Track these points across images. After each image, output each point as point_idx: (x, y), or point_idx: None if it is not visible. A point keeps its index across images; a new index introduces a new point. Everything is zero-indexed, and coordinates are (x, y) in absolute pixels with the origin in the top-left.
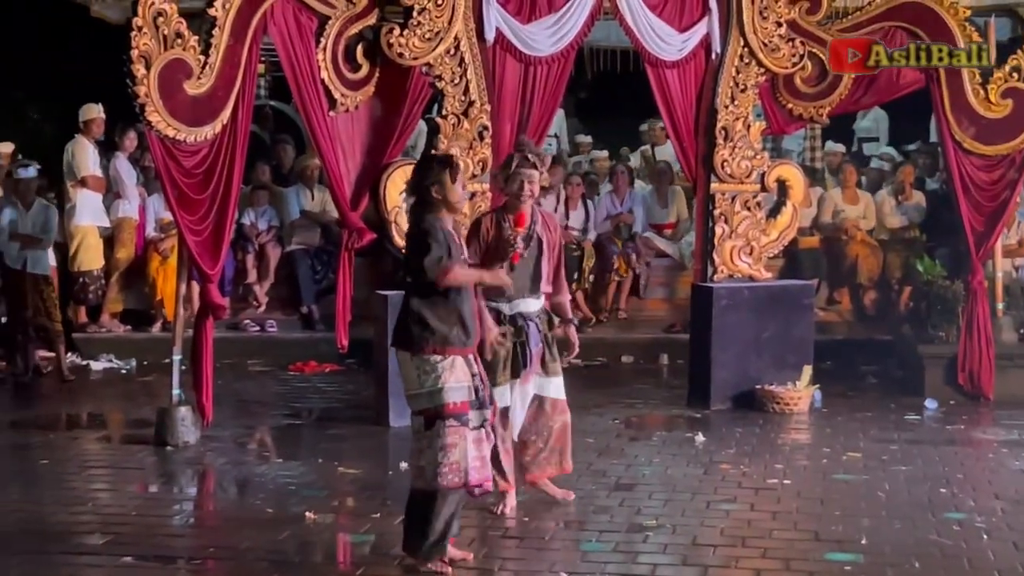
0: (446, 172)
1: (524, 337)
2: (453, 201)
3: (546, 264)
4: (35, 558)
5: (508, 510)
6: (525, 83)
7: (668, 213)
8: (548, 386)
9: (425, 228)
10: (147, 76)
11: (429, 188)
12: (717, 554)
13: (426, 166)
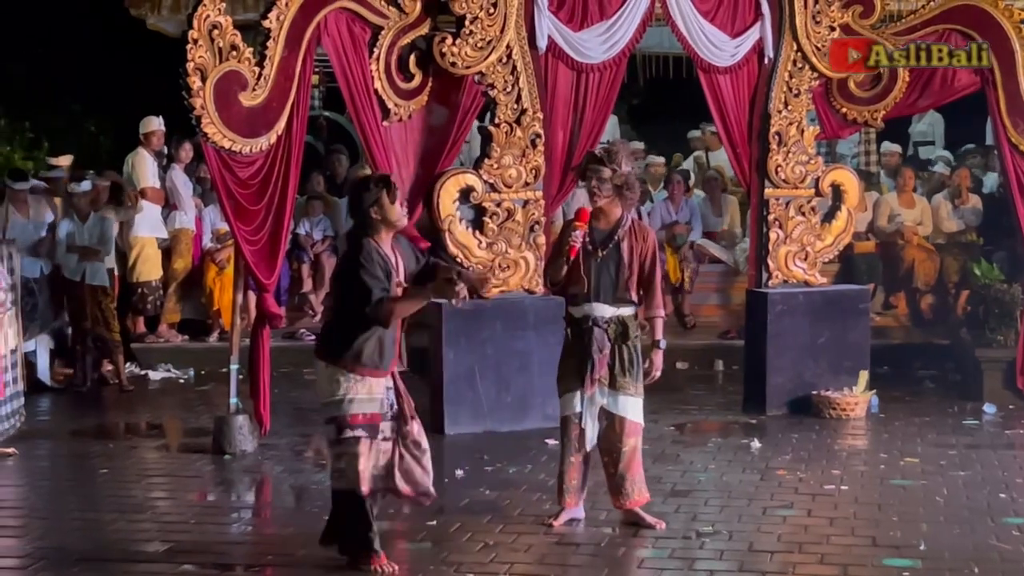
0: (384, 192)
1: (587, 340)
2: (392, 220)
3: (625, 272)
4: (95, 566)
5: (558, 523)
6: (577, 90)
7: (722, 221)
8: (616, 403)
9: (362, 260)
10: (203, 88)
11: (368, 210)
12: (774, 560)
13: (364, 187)
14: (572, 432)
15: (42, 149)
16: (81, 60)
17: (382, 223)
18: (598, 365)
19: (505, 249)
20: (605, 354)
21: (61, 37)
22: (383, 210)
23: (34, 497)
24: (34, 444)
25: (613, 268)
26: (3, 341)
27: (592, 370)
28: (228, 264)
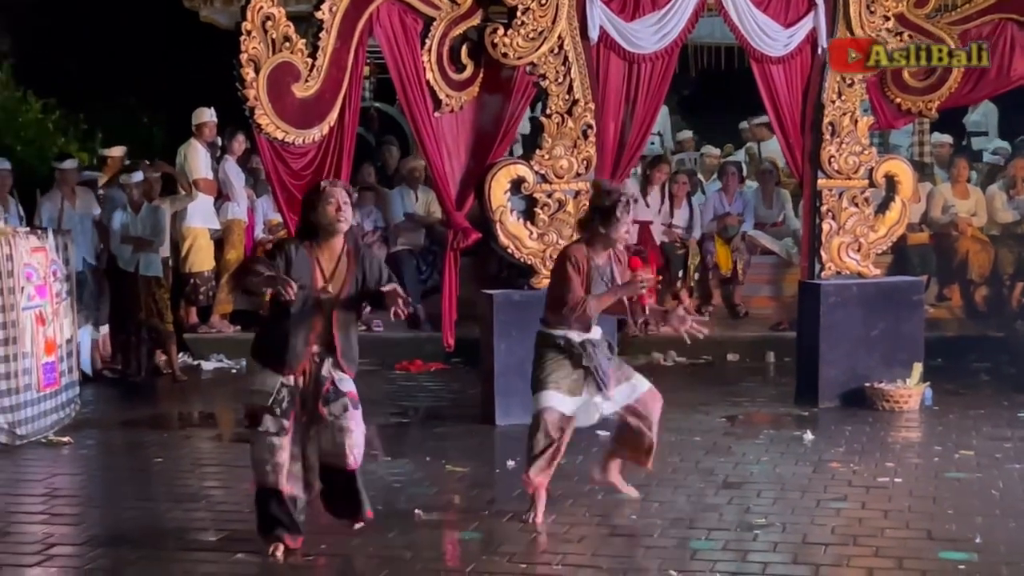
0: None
1: (596, 362)
2: (324, 224)
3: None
4: (150, 554)
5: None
6: (629, 81)
7: (774, 212)
8: (636, 385)
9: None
10: (256, 80)
11: (306, 213)
12: (828, 553)
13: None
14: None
15: (96, 141)
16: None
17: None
18: (610, 377)
19: (556, 240)
20: (611, 370)
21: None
22: (317, 213)
23: (90, 486)
24: (88, 433)
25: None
26: (59, 331)
27: (608, 384)
28: None
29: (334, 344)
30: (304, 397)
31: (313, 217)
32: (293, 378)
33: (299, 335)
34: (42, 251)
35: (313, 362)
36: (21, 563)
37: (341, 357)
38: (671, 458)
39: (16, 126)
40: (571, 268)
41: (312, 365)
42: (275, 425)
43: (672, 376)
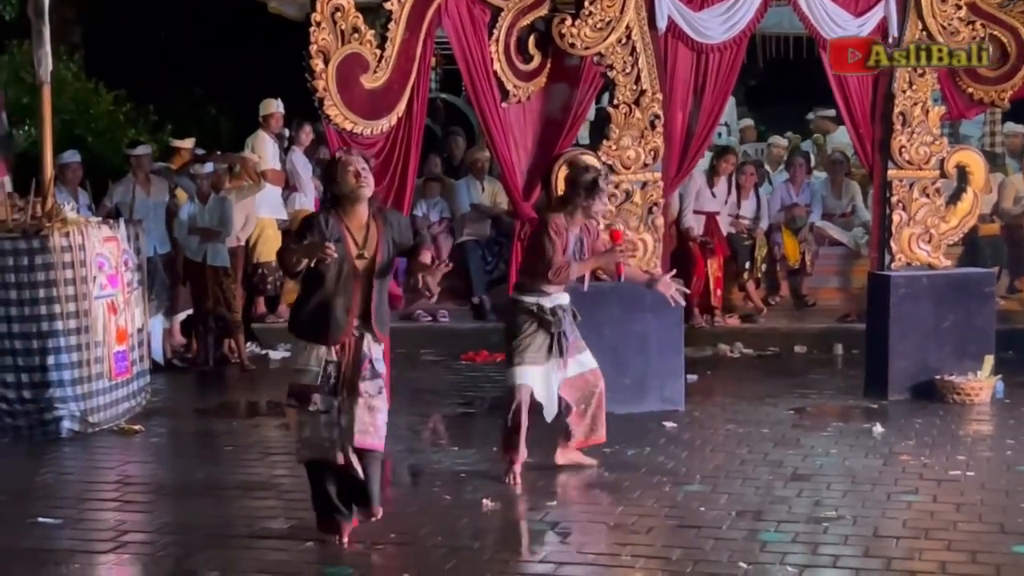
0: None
1: (561, 328)
2: (347, 192)
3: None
4: (221, 542)
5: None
6: (697, 71)
7: (842, 203)
8: (585, 359)
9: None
10: (325, 71)
11: (328, 186)
12: (900, 546)
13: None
14: (528, 399)
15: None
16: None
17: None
18: (571, 346)
19: (623, 231)
20: (574, 336)
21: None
22: (338, 185)
23: (161, 473)
24: (159, 422)
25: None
26: (130, 320)
27: (567, 351)
28: None
29: (370, 311)
30: (345, 373)
31: (335, 188)
32: (336, 353)
33: (339, 305)
34: (114, 241)
35: (353, 335)
36: (94, 550)
37: (375, 323)
38: (739, 450)
39: (87, 117)
40: (554, 234)
41: (352, 339)
42: (326, 403)
43: (738, 368)
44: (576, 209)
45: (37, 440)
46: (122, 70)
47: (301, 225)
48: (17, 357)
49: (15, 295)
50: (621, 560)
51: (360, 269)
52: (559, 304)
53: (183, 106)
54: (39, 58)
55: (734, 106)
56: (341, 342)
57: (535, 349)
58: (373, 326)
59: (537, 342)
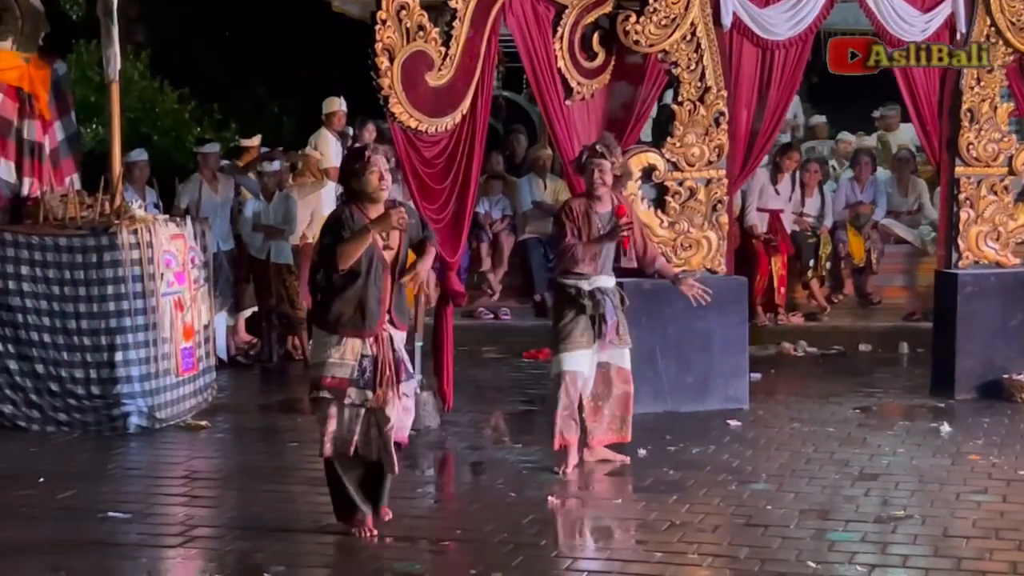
0: (356, 165)
1: (602, 310)
2: (368, 192)
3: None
4: (286, 536)
5: (570, 470)
6: (762, 68)
7: (908, 202)
8: (617, 355)
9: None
10: (391, 69)
11: (348, 180)
12: (970, 546)
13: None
14: (578, 385)
15: (230, 130)
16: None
17: (360, 194)
18: (610, 329)
19: (687, 228)
20: (616, 320)
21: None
22: (359, 182)
23: (227, 468)
24: (224, 418)
25: (614, 244)
26: (197, 317)
27: (607, 333)
28: None
29: (392, 303)
30: (384, 369)
31: (356, 185)
32: (371, 347)
33: (372, 296)
34: (181, 238)
35: (385, 329)
36: (163, 544)
37: (395, 311)
38: (804, 448)
39: (153, 116)
40: (563, 216)
41: (385, 334)
42: (360, 396)
43: (802, 366)
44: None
45: (105, 435)
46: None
47: (334, 224)
48: (86, 353)
49: (84, 292)
50: (688, 559)
51: (388, 261)
52: (599, 287)
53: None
54: (108, 57)
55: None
56: (376, 334)
57: (579, 333)
58: (393, 317)
59: (580, 326)
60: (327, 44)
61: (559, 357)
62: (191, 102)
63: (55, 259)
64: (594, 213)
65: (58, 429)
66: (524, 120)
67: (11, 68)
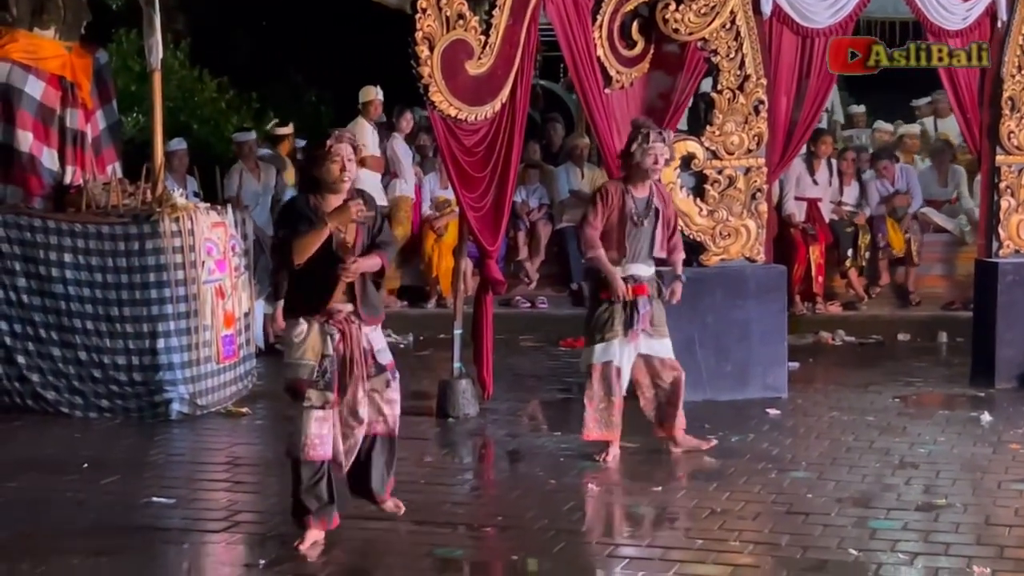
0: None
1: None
2: (328, 182)
3: (660, 233)
4: None
5: (611, 459)
6: (802, 56)
7: (947, 191)
8: (657, 346)
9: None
10: (431, 57)
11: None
12: (1012, 534)
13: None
14: (614, 375)
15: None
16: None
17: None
18: (643, 318)
19: (726, 217)
20: (649, 309)
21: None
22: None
23: (269, 455)
24: (265, 404)
25: (650, 231)
26: (237, 304)
27: (637, 323)
28: (446, 231)
29: (355, 295)
30: (345, 369)
31: (316, 173)
32: (332, 346)
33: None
34: (221, 226)
35: (349, 324)
36: (206, 528)
37: (361, 306)
38: (844, 437)
39: (192, 105)
40: (597, 199)
41: (350, 330)
42: (320, 398)
43: (840, 355)
44: (631, 171)
45: (147, 422)
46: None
47: (289, 215)
48: (128, 340)
49: (126, 279)
50: (729, 546)
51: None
52: (632, 274)
53: (284, 93)
54: (150, 46)
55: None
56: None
57: (613, 323)
58: (360, 310)
59: (616, 315)
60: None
61: (591, 348)
62: (229, 91)
63: (98, 247)
64: (630, 197)
65: (100, 415)
66: (561, 109)
67: (54, 57)
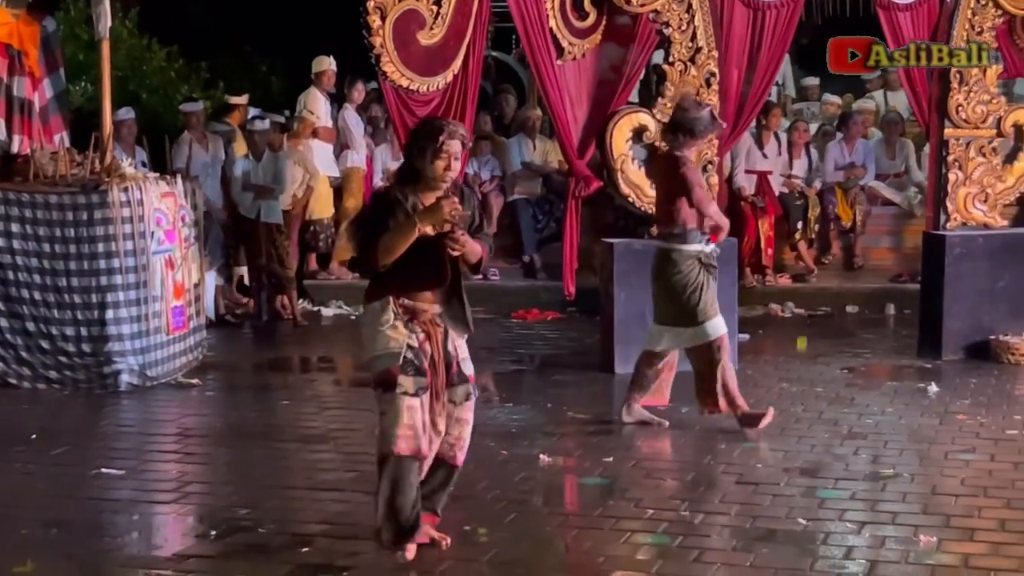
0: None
1: (711, 271)
2: (431, 177)
3: None
4: (282, 493)
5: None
6: (753, 29)
7: (896, 164)
8: None
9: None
10: (382, 27)
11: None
12: (959, 504)
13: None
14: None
15: (218, 89)
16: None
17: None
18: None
19: None
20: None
21: None
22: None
23: (220, 426)
24: (215, 376)
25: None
26: (187, 275)
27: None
28: None
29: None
30: (435, 367)
31: (420, 164)
32: (418, 340)
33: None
34: (171, 196)
35: (435, 326)
36: (157, 500)
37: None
38: (793, 408)
39: (141, 74)
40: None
41: (435, 332)
42: (413, 384)
43: (790, 327)
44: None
45: (96, 393)
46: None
47: (380, 210)
48: (76, 311)
49: (74, 249)
50: (680, 516)
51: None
52: (711, 250)
53: (235, 63)
54: (98, 14)
55: (788, 63)
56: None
57: (714, 294)
58: (455, 318)
59: (712, 289)
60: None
61: (705, 326)
62: (179, 60)
63: (45, 217)
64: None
65: (49, 386)
66: (513, 80)
67: (1, 24)
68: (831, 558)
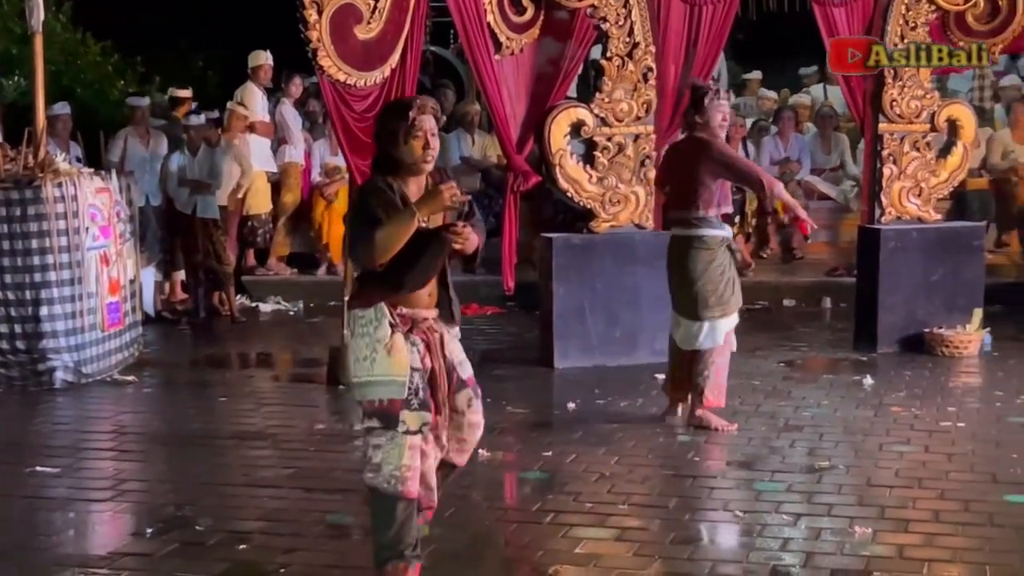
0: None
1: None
2: (409, 163)
3: None
4: (220, 490)
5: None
6: (690, 24)
7: (831, 158)
8: None
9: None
10: (319, 21)
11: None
12: (893, 495)
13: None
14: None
15: (153, 84)
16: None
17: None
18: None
19: (616, 184)
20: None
21: None
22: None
23: (156, 423)
24: (152, 373)
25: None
26: (122, 271)
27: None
28: (336, 198)
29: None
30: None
31: (395, 152)
32: (420, 358)
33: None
34: (106, 192)
35: (432, 333)
36: (92, 498)
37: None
38: (730, 401)
39: (76, 69)
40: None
41: (434, 341)
42: (417, 420)
43: None
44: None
45: (30, 390)
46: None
47: (369, 198)
48: (10, 308)
49: (7, 245)
50: (617, 509)
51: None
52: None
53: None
54: (30, 8)
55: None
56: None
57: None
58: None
59: (725, 279)
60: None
61: (712, 323)
62: (114, 55)
63: None
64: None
65: None
66: (452, 75)
67: None
68: (768, 550)
